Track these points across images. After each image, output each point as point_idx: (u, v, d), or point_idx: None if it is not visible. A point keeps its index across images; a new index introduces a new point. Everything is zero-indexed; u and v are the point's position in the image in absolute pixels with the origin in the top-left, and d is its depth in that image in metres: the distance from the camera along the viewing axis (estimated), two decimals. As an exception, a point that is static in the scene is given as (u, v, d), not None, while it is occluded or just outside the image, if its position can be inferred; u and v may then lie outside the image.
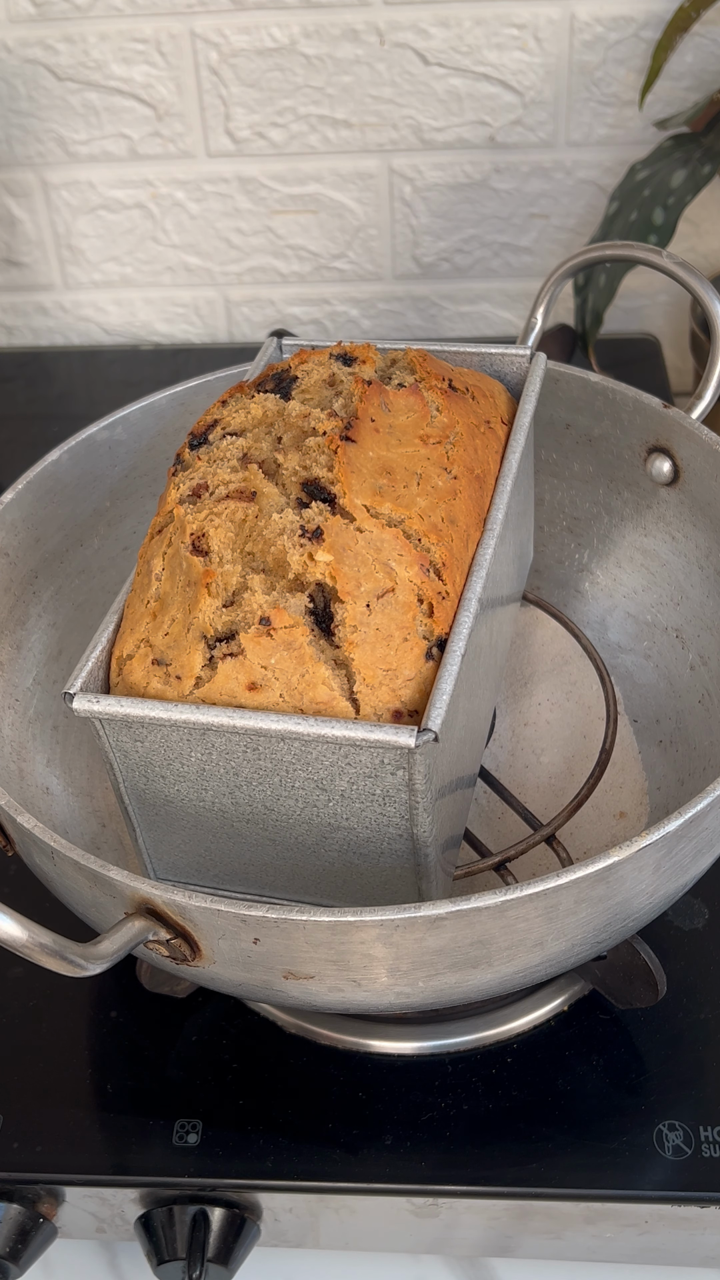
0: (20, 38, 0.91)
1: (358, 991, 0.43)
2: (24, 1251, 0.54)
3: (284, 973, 0.43)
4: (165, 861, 0.50)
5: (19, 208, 0.99)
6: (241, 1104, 0.55)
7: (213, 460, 0.48)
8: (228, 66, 0.91)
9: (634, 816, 0.61)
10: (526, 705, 0.66)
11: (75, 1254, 0.59)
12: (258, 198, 0.97)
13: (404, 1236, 0.55)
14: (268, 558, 0.45)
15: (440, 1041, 0.56)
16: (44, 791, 0.58)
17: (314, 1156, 0.53)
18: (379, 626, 0.44)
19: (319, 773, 0.44)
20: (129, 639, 0.47)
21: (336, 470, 0.45)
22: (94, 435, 0.62)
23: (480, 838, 0.56)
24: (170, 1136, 0.54)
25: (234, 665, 0.43)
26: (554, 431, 0.65)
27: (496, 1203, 0.52)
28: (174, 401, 0.64)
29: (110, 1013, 0.58)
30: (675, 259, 0.57)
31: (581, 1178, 0.52)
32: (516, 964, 0.43)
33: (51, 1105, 0.55)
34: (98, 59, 0.91)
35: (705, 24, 0.86)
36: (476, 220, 0.97)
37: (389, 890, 0.47)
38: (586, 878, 0.40)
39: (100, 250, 1.01)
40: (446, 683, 0.43)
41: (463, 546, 0.47)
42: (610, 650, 0.66)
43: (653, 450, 0.61)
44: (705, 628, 0.60)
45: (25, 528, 0.59)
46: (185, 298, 1.03)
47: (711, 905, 0.60)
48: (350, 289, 1.02)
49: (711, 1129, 0.53)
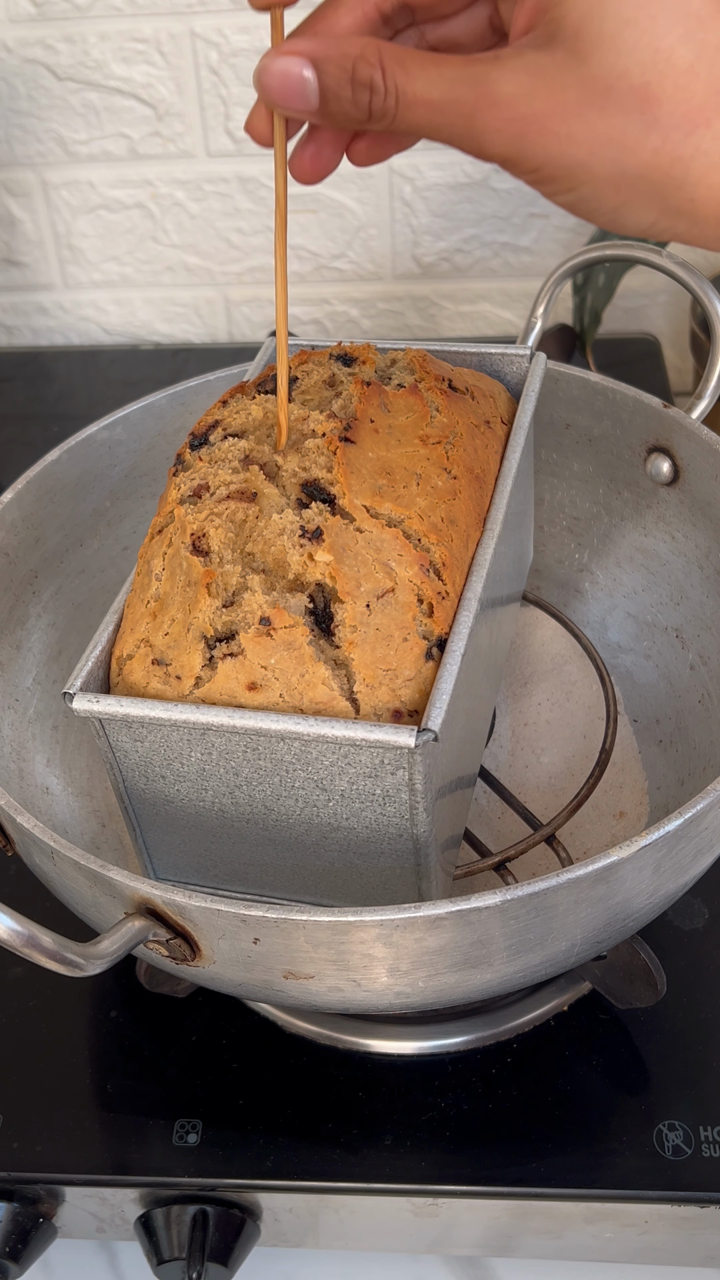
0: (20, 38, 0.91)
1: (358, 991, 0.43)
2: (24, 1251, 0.54)
3: (284, 973, 0.43)
4: (165, 861, 0.50)
5: (19, 208, 0.99)
6: (241, 1104, 0.55)
7: (214, 461, 0.48)
8: (228, 66, 0.91)
9: (634, 816, 0.61)
10: (526, 705, 0.66)
11: (75, 1254, 0.59)
12: (258, 198, 0.97)
13: (404, 1236, 0.55)
14: (268, 558, 0.45)
15: (440, 1041, 0.56)
16: (44, 791, 0.58)
17: (314, 1156, 0.53)
18: (379, 626, 0.44)
19: (319, 773, 0.44)
20: (129, 639, 0.47)
21: (336, 471, 0.45)
22: (94, 435, 0.62)
23: (480, 838, 0.56)
24: (170, 1136, 0.54)
25: (234, 665, 0.43)
26: (554, 431, 0.65)
27: (496, 1203, 0.52)
28: (174, 401, 0.64)
29: (110, 1013, 0.59)
30: (675, 259, 0.57)
31: (581, 1178, 0.52)
32: (516, 964, 0.43)
33: (51, 1105, 0.55)
34: (98, 59, 0.91)
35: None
36: (476, 220, 0.97)
37: (389, 890, 0.47)
38: (586, 877, 0.40)
39: (100, 250, 1.01)
40: (446, 683, 0.43)
41: (463, 546, 0.47)
42: (610, 650, 0.66)
43: (653, 450, 0.61)
44: (705, 628, 0.60)
45: (25, 527, 0.59)
46: (185, 298, 1.03)
47: (711, 905, 0.60)
48: (350, 289, 1.02)
49: (711, 1129, 0.53)
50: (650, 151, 0.34)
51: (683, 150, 0.34)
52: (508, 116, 0.35)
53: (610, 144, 0.34)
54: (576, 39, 0.34)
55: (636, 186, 0.35)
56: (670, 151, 0.34)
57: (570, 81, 0.34)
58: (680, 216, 0.35)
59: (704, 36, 0.34)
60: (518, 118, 0.35)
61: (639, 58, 0.34)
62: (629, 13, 0.34)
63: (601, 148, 0.34)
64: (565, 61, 0.34)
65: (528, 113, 0.35)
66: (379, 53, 0.36)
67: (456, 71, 0.36)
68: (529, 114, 0.35)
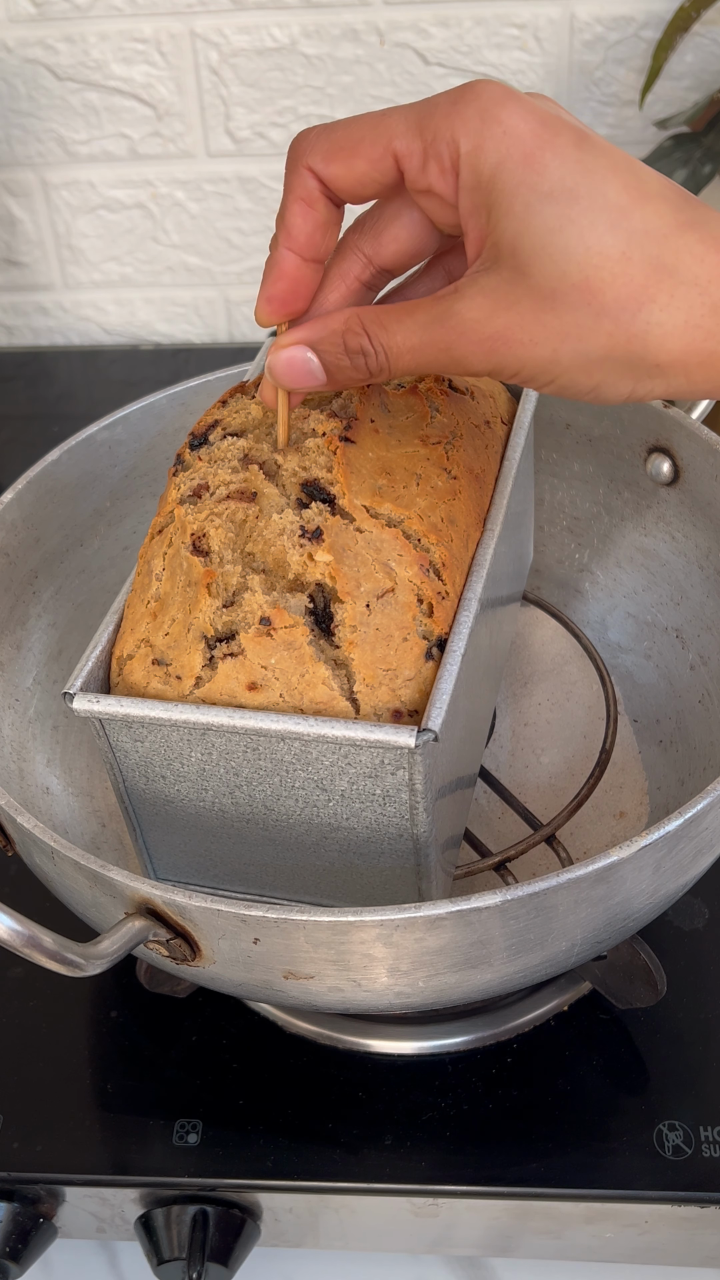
0: (20, 38, 0.91)
1: (358, 991, 0.43)
2: (24, 1251, 0.54)
3: (284, 973, 0.43)
4: (165, 861, 0.50)
5: (19, 208, 0.99)
6: (241, 1104, 0.55)
7: (213, 460, 0.48)
8: (228, 66, 0.91)
9: (634, 816, 0.61)
10: (526, 705, 0.66)
11: (75, 1254, 0.59)
12: (258, 198, 0.97)
13: (404, 1236, 0.55)
14: (268, 558, 0.45)
15: (440, 1041, 0.56)
16: (44, 791, 0.58)
17: (314, 1156, 0.53)
18: (379, 626, 0.44)
19: (319, 773, 0.44)
20: (129, 639, 0.47)
21: (335, 471, 0.45)
22: (94, 435, 0.62)
23: (480, 838, 0.56)
24: (170, 1136, 0.54)
25: (234, 665, 0.43)
26: (554, 431, 0.65)
27: (496, 1203, 0.52)
28: (174, 401, 0.64)
29: (110, 1013, 0.59)
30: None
31: (581, 1178, 0.52)
32: (516, 964, 0.43)
33: (51, 1105, 0.55)
34: (98, 59, 0.91)
35: (705, 24, 0.86)
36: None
37: (389, 890, 0.47)
38: (586, 877, 0.40)
39: (100, 250, 1.01)
40: (446, 683, 0.43)
41: (463, 546, 0.47)
42: (610, 650, 0.66)
43: (653, 450, 0.61)
44: (705, 628, 0.60)
45: (25, 528, 0.59)
46: (185, 298, 1.03)
47: (711, 905, 0.60)
48: (350, 289, 1.02)
49: (711, 1129, 0.53)
50: (605, 335, 0.37)
51: (634, 328, 0.37)
52: (477, 339, 0.39)
53: (569, 338, 0.37)
54: (514, 256, 0.37)
55: (604, 366, 0.38)
56: (624, 332, 0.37)
57: (520, 294, 0.38)
58: (653, 380, 0.38)
59: (629, 224, 0.37)
60: (485, 338, 0.38)
61: (574, 258, 0.37)
62: (553, 222, 0.37)
63: (562, 343, 0.38)
64: (512, 278, 0.38)
65: (492, 331, 0.38)
66: (360, 320, 0.41)
67: (426, 314, 0.40)
68: (493, 332, 0.38)
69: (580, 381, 0.39)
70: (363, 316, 0.41)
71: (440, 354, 0.40)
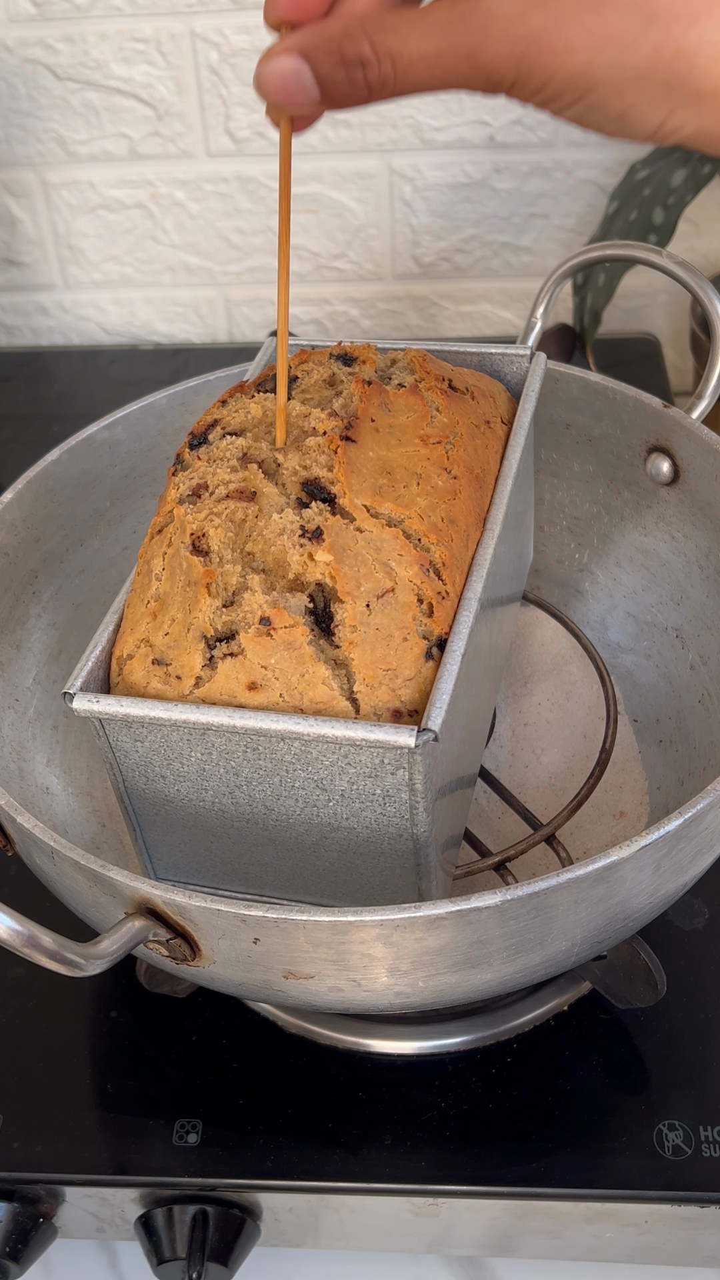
0: (20, 38, 0.91)
1: (358, 991, 0.43)
2: (24, 1251, 0.54)
3: (284, 973, 0.43)
4: (165, 861, 0.50)
5: (19, 208, 0.99)
6: (241, 1104, 0.55)
7: (212, 460, 0.48)
8: (228, 66, 0.91)
9: (634, 816, 0.61)
10: (526, 705, 0.66)
11: (75, 1254, 0.59)
12: (258, 197, 0.97)
13: (404, 1236, 0.55)
14: (267, 558, 0.45)
15: (440, 1041, 0.56)
16: (44, 791, 0.58)
17: (314, 1156, 0.53)
18: (379, 626, 0.44)
19: (319, 773, 0.44)
20: (129, 639, 0.47)
21: (336, 470, 0.45)
22: (94, 435, 0.62)
23: (480, 838, 0.56)
24: (170, 1136, 0.54)
25: (234, 665, 0.43)
26: (554, 431, 0.65)
27: (496, 1203, 0.52)
28: (174, 401, 0.64)
29: (110, 1013, 0.59)
30: (675, 259, 0.57)
31: (581, 1178, 0.52)
32: (516, 964, 0.43)
33: (51, 1105, 0.55)
34: (98, 59, 0.91)
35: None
36: (476, 220, 0.97)
37: (389, 890, 0.47)
38: (586, 877, 0.40)
39: (100, 250, 1.01)
40: (446, 682, 0.43)
41: (463, 546, 0.47)
42: (610, 650, 0.66)
43: (653, 450, 0.61)
44: (705, 628, 0.60)
45: (25, 527, 0.59)
46: (185, 297, 1.03)
47: (711, 905, 0.60)
48: (350, 289, 1.02)
49: (711, 1129, 0.53)
50: (651, 48, 0.33)
51: (685, 43, 0.33)
52: (507, 40, 0.34)
53: (609, 46, 0.33)
54: None
55: (640, 87, 0.34)
56: (672, 46, 0.33)
57: None
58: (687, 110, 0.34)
59: None
60: (517, 39, 0.34)
61: None
62: None
63: (601, 52, 0.33)
64: None
65: (525, 32, 0.34)
66: (362, 26, 0.36)
67: (446, 14, 0.35)
68: (526, 33, 0.34)
69: (610, 103, 0.34)
70: (365, 21, 0.36)
71: (461, 60, 0.35)
